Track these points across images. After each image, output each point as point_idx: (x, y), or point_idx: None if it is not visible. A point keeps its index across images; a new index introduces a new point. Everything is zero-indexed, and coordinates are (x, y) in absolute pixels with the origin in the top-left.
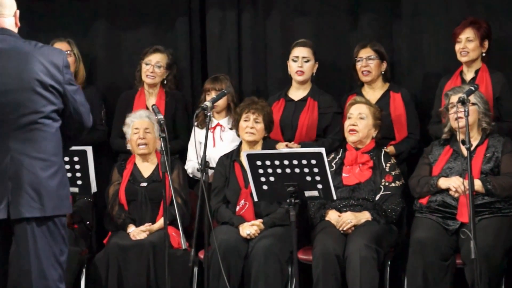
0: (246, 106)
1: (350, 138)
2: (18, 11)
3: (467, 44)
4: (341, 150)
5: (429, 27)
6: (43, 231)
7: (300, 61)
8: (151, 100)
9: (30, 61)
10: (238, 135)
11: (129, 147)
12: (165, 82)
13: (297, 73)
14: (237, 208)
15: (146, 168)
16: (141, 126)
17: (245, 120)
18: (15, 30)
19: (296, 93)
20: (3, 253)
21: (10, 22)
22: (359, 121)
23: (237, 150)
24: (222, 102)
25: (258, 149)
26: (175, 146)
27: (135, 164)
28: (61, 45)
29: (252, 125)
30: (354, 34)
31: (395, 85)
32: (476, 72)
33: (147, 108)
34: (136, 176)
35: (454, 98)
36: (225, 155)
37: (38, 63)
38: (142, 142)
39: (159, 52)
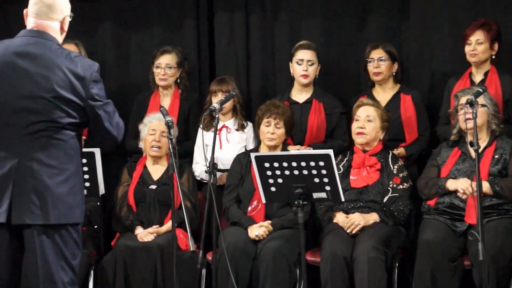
0: (268, 111)
1: (358, 140)
2: (68, 17)
3: (477, 46)
4: (349, 152)
5: (437, 28)
6: (53, 236)
7: (305, 64)
8: (166, 101)
9: (54, 71)
10: (259, 139)
11: (141, 145)
12: (178, 80)
13: (302, 76)
14: (249, 208)
15: (156, 171)
16: (158, 129)
17: (266, 125)
18: (59, 35)
19: (300, 95)
20: (16, 258)
21: (55, 27)
22: (367, 124)
23: (256, 150)
24: (228, 104)
25: (277, 152)
26: (187, 148)
27: (145, 166)
28: (69, 47)
29: (273, 130)
30: (362, 35)
31: (405, 87)
32: (485, 74)
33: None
34: (146, 178)
35: (464, 100)
36: (243, 153)
37: (62, 74)
38: (156, 145)
39: (167, 53)
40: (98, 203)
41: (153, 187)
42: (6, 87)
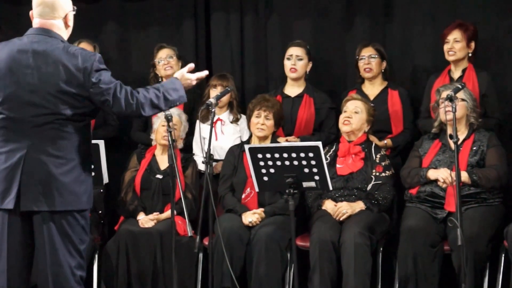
0: (258, 103)
1: (344, 128)
2: (70, 13)
3: (454, 45)
4: (335, 143)
5: (418, 28)
6: (60, 222)
7: (294, 59)
8: None
9: (58, 66)
10: (250, 130)
11: (152, 136)
12: None
13: (290, 70)
14: (243, 195)
15: (164, 161)
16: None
17: (257, 117)
18: (64, 31)
19: (292, 90)
20: (29, 243)
21: (59, 24)
22: (353, 115)
23: (247, 142)
24: (225, 99)
25: (267, 143)
26: (191, 140)
27: (154, 155)
28: (86, 46)
29: (263, 121)
30: (348, 35)
31: (393, 84)
32: (463, 71)
33: None
34: (153, 167)
35: (445, 94)
36: (236, 145)
37: (66, 69)
38: (166, 135)
39: (164, 47)
40: (102, 190)
41: (159, 176)
42: (14, 82)
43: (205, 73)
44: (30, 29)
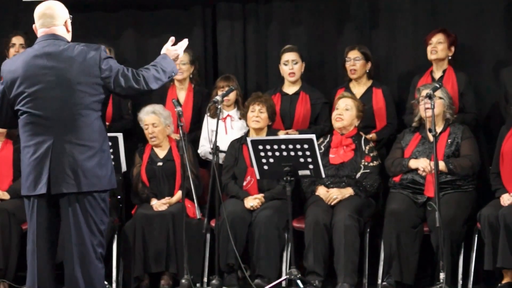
0: (253, 100)
1: (336, 124)
2: (68, 20)
3: (437, 45)
4: (329, 135)
5: (401, 34)
6: (83, 204)
7: (290, 64)
8: (182, 94)
9: (70, 62)
10: (247, 125)
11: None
12: (191, 76)
13: (289, 75)
14: (244, 183)
15: (161, 150)
16: (149, 122)
17: (252, 111)
18: (66, 35)
19: (289, 88)
20: (55, 224)
21: (61, 30)
22: (344, 112)
23: (246, 135)
24: (232, 97)
25: (263, 135)
26: (199, 135)
27: (152, 148)
28: None
29: (257, 114)
30: (339, 40)
31: (377, 82)
32: (444, 71)
33: (178, 100)
34: (153, 157)
35: (424, 93)
36: (235, 139)
37: (79, 64)
38: (152, 136)
39: None
40: (120, 177)
41: (160, 163)
42: (35, 83)
43: (185, 41)
44: (38, 38)
